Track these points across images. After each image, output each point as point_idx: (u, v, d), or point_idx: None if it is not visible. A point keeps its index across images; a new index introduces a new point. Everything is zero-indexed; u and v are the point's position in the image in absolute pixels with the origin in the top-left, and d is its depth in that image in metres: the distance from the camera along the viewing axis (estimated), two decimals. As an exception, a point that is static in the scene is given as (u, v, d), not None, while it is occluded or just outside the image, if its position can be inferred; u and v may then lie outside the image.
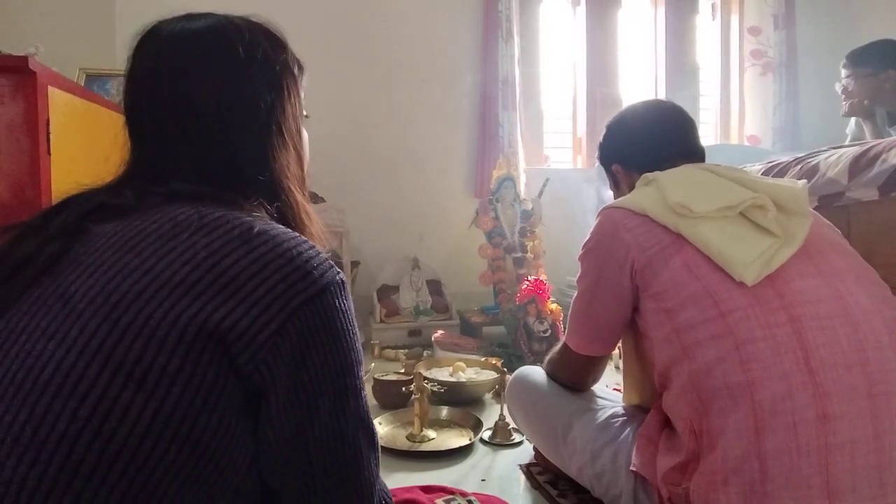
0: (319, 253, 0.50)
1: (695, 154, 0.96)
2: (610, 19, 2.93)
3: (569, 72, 2.92)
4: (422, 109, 2.63)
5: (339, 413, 0.49)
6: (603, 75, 2.90)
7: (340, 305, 0.49)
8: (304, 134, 0.64)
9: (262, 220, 0.51)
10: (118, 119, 0.59)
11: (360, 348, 0.52)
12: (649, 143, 0.97)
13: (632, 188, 0.92)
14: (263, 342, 0.45)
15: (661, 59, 2.98)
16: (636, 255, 0.79)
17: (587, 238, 0.89)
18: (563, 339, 0.98)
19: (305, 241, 0.51)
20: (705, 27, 3.08)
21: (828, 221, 0.86)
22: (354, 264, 2.41)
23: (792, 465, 0.63)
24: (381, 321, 2.26)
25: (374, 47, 2.57)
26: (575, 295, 0.92)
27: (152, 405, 0.42)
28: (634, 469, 0.81)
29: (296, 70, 0.62)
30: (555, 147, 2.93)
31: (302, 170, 0.62)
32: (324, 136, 2.52)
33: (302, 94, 0.63)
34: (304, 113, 0.65)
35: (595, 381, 1.01)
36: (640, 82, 3.00)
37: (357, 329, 0.52)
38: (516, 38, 2.62)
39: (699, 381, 0.70)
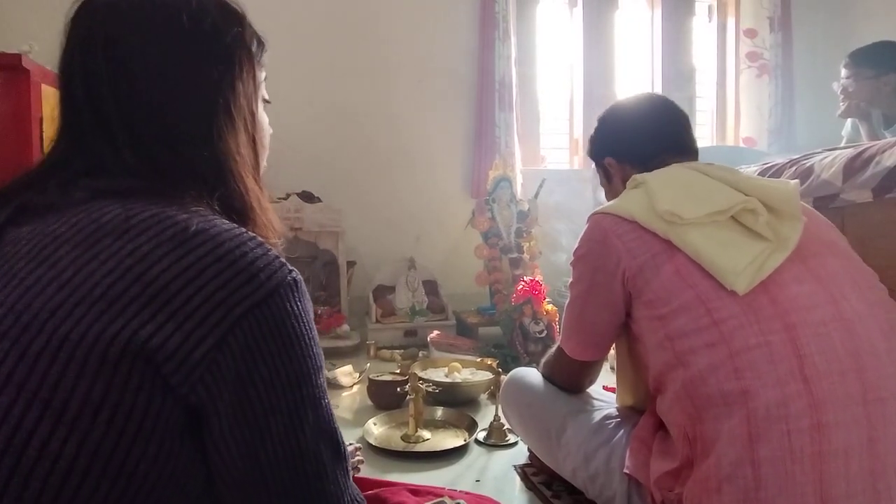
0: (268, 251, 0.45)
1: (688, 148, 0.95)
2: (606, 20, 2.93)
3: (565, 73, 2.92)
4: (418, 110, 2.63)
5: (296, 428, 0.44)
6: (599, 76, 2.90)
7: (293, 308, 0.44)
8: (263, 117, 0.59)
9: (202, 217, 0.45)
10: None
11: (320, 352, 0.47)
12: (643, 134, 0.96)
13: (625, 181, 0.91)
14: (199, 360, 0.40)
15: (658, 60, 2.99)
16: (627, 263, 0.78)
17: (577, 244, 0.88)
18: (558, 340, 0.98)
19: (252, 239, 0.45)
20: (701, 29, 3.09)
21: (825, 219, 0.84)
22: (351, 264, 2.40)
23: (786, 473, 0.63)
24: (377, 321, 2.26)
25: (371, 47, 2.57)
26: (568, 300, 0.91)
27: (75, 438, 0.37)
28: (628, 472, 0.81)
29: (254, 46, 0.56)
30: (551, 148, 2.93)
31: (256, 154, 0.56)
32: (320, 135, 2.53)
33: (261, 74, 0.58)
34: (266, 96, 0.60)
35: (591, 382, 1.01)
36: (636, 84, 3.00)
37: (315, 332, 0.47)
38: (513, 39, 2.62)
39: (693, 388, 0.69)
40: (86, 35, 0.50)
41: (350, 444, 1.06)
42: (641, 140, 0.96)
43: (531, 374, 1.09)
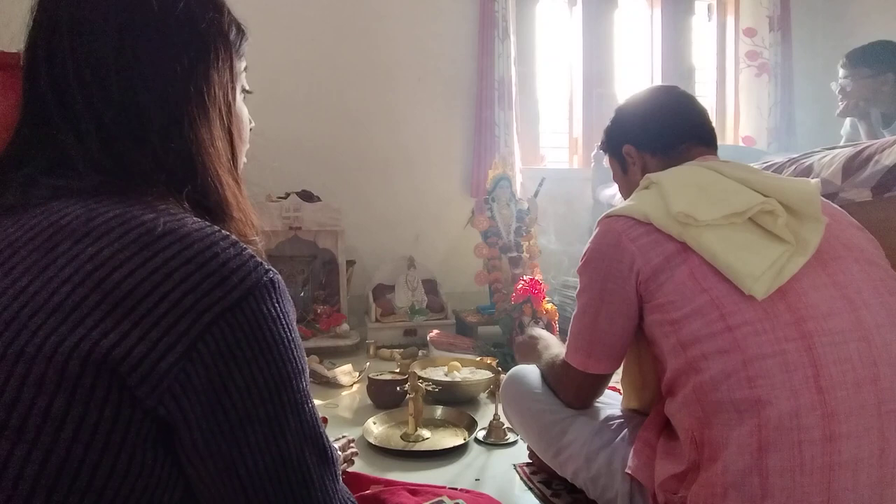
0: (242, 250, 0.42)
1: (711, 139, 0.93)
2: (606, 20, 2.93)
3: (565, 72, 2.92)
4: (418, 109, 2.63)
5: (277, 436, 0.42)
6: (599, 75, 2.90)
7: (270, 311, 0.41)
8: (242, 108, 0.56)
9: (170, 216, 0.42)
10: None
11: (302, 355, 0.44)
12: (666, 121, 0.93)
13: (644, 172, 0.88)
14: (167, 370, 0.37)
15: (657, 59, 2.99)
16: (641, 266, 0.75)
17: (586, 249, 0.84)
18: (562, 354, 0.94)
19: (225, 238, 0.42)
20: (701, 28, 3.09)
21: (851, 219, 0.81)
22: (350, 263, 2.40)
23: (794, 484, 0.62)
24: (377, 320, 2.26)
25: (371, 46, 2.56)
26: (576, 310, 0.87)
27: (37, 456, 0.35)
28: (629, 472, 0.80)
29: (232, 34, 0.52)
30: (551, 147, 2.93)
31: (233, 147, 0.53)
32: (319, 134, 2.53)
33: (239, 65, 0.54)
34: (246, 87, 0.57)
35: (599, 396, 0.96)
36: (635, 83, 3.00)
37: (296, 333, 0.44)
38: (512, 38, 2.62)
39: (703, 394, 0.68)
40: (51, 18, 0.47)
41: (342, 437, 1.06)
42: (664, 127, 0.93)
43: (531, 373, 1.08)
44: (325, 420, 0.83)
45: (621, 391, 0.99)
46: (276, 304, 0.42)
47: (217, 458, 0.40)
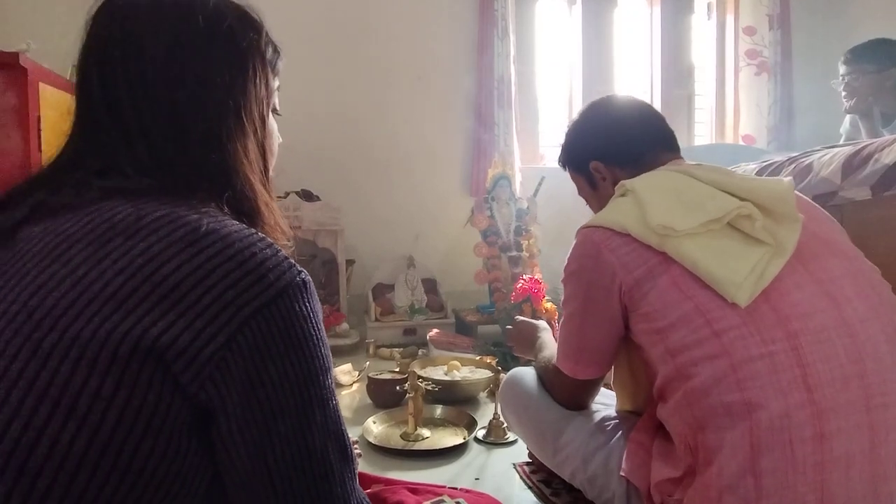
0: (277, 252, 0.46)
1: (675, 143, 0.94)
2: (606, 18, 2.93)
3: (564, 70, 2.92)
4: (417, 108, 2.63)
5: (304, 428, 0.44)
6: (599, 74, 2.90)
7: (301, 309, 0.45)
8: (273, 124, 0.60)
9: (212, 217, 0.46)
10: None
11: (328, 353, 0.47)
12: (632, 131, 0.93)
13: (615, 184, 0.88)
14: (209, 358, 0.40)
15: (657, 58, 2.98)
16: (623, 277, 0.76)
17: (568, 260, 0.85)
18: (553, 359, 0.95)
19: (262, 240, 0.46)
20: (701, 27, 3.08)
21: (823, 213, 0.82)
22: (350, 263, 2.40)
23: (787, 483, 0.62)
24: (377, 320, 2.26)
25: (370, 45, 2.56)
26: (563, 319, 0.88)
27: (85, 434, 0.38)
28: (624, 474, 0.80)
29: (269, 54, 0.57)
30: (550, 146, 2.93)
31: (265, 159, 0.58)
32: (319, 134, 2.52)
33: (274, 83, 0.59)
34: (277, 108, 0.61)
35: (594, 398, 0.97)
36: (635, 81, 3.00)
37: (324, 332, 0.47)
38: (512, 37, 2.62)
39: (695, 400, 0.68)
40: (104, 33, 0.51)
41: None
42: (630, 137, 0.93)
43: (529, 375, 1.08)
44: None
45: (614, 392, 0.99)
46: (308, 303, 0.45)
47: (249, 445, 0.43)
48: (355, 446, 1.06)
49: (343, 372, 1.76)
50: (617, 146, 0.94)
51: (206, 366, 0.40)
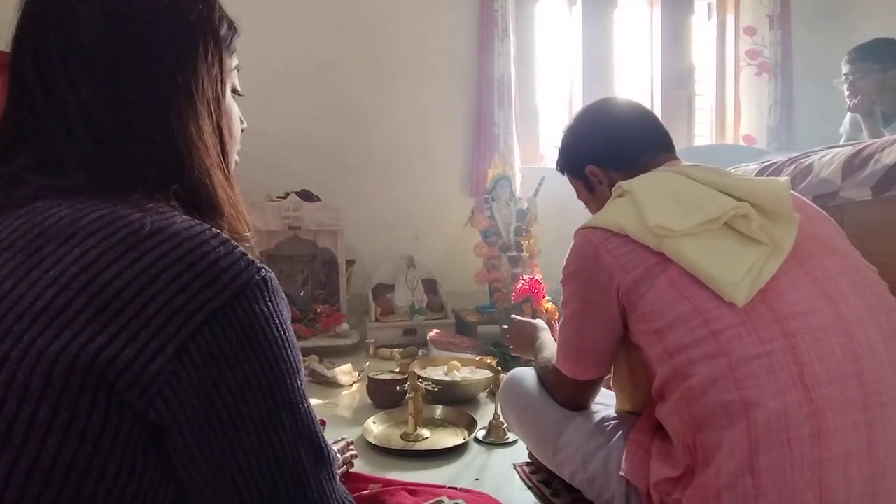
0: (233, 249, 0.41)
1: (671, 144, 0.94)
2: (606, 18, 2.93)
3: (565, 71, 2.92)
4: (417, 108, 2.63)
5: (271, 436, 0.41)
6: (599, 74, 2.90)
7: (262, 310, 0.41)
8: (232, 106, 0.55)
9: (158, 215, 0.41)
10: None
11: (297, 354, 0.44)
12: (627, 134, 0.93)
13: (612, 186, 0.88)
14: (157, 372, 0.37)
15: (657, 58, 2.98)
16: (621, 278, 0.76)
17: (566, 262, 0.85)
18: (553, 360, 0.95)
19: (215, 236, 0.41)
20: (701, 27, 3.08)
21: (819, 211, 0.82)
22: (350, 263, 2.40)
23: (785, 481, 0.62)
24: (377, 320, 2.26)
25: (370, 46, 2.56)
26: (562, 320, 0.88)
27: (23, 463, 0.35)
28: (623, 474, 0.80)
29: (222, 30, 0.52)
30: (550, 146, 2.93)
31: (222, 142, 0.52)
32: (319, 134, 2.52)
33: (230, 62, 0.54)
34: (238, 88, 0.56)
35: (594, 397, 0.98)
36: (635, 82, 3.00)
37: (291, 332, 0.44)
38: (512, 37, 2.62)
39: (693, 399, 0.68)
40: (38, 7, 0.46)
41: (342, 440, 1.06)
42: (626, 140, 0.93)
43: (529, 376, 1.08)
44: (322, 422, 0.83)
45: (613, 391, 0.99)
46: (269, 303, 0.42)
47: (210, 460, 0.39)
48: (351, 447, 1.06)
49: (343, 372, 1.76)
50: (612, 149, 0.94)
51: (153, 381, 0.37)
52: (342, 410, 1.56)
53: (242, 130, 0.59)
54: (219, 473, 0.40)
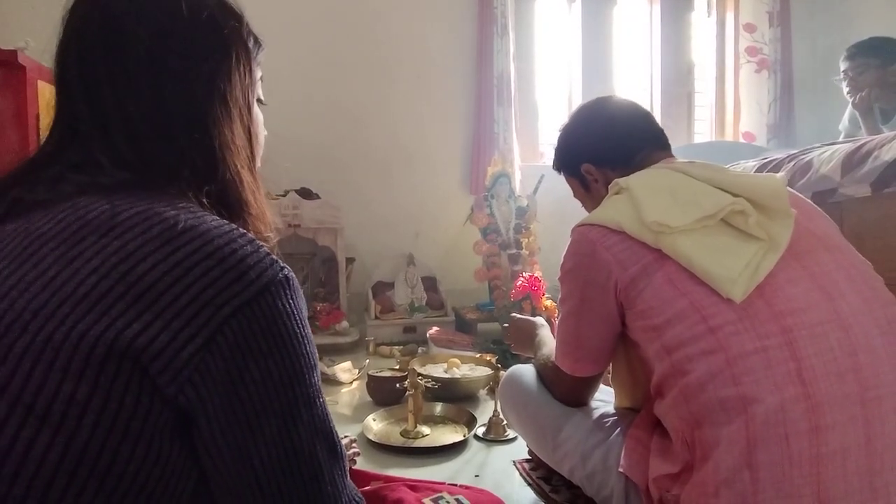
0: (259, 248, 0.44)
1: (666, 142, 0.94)
2: (605, 16, 2.93)
3: (564, 68, 2.92)
4: (417, 106, 2.63)
5: (290, 428, 0.43)
6: (598, 72, 2.90)
7: (285, 307, 0.43)
8: (258, 114, 0.59)
9: (190, 213, 0.44)
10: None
11: (314, 350, 0.46)
12: (623, 132, 0.93)
13: (608, 185, 0.88)
14: (187, 359, 0.39)
15: (657, 55, 2.98)
16: (619, 275, 0.76)
17: (564, 259, 0.85)
18: (552, 356, 0.95)
19: (242, 235, 0.44)
20: (701, 24, 3.08)
21: (815, 208, 0.82)
22: (350, 261, 2.40)
23: (783, 476, 0.63)
24: (376, 317, 2.26)
25: (370, 43, 2.56)
26: (560, 317, 0.88)
27: (60, 440, 0.37)
28: (622, 471, 0.81)
29: (250, 43, 0.56)
30: (550, 144, 2.93)
31: (251, 146, 0.56)
32: (319, 132, 2.52)
33: (257, 73, 0.58)
34: (261, 96, 0.60)
35: (593, 394, 0.98)
36: (635, 79, 3.00)
37: (308, 329, 0.46)
38: (511, 35, 2.62)
39: (691, 395, 0.69)
40: (82, 21, 0.50)
41: (345, 437, 1.06)
42: (621, 139, 0.93)
43: (529, 372, 1.09)
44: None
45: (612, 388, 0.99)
46: (291, 300, 0.44)
47: (233, 448, 0.41)
48: (353, 445, 1.06)
49: (343, 370, 1.76)
50: (607, 148, 0.95)
51: (184, 368, 0.39)
52: (342, 408, 1.56)
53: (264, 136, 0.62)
54: (240, 461, 0.42)
